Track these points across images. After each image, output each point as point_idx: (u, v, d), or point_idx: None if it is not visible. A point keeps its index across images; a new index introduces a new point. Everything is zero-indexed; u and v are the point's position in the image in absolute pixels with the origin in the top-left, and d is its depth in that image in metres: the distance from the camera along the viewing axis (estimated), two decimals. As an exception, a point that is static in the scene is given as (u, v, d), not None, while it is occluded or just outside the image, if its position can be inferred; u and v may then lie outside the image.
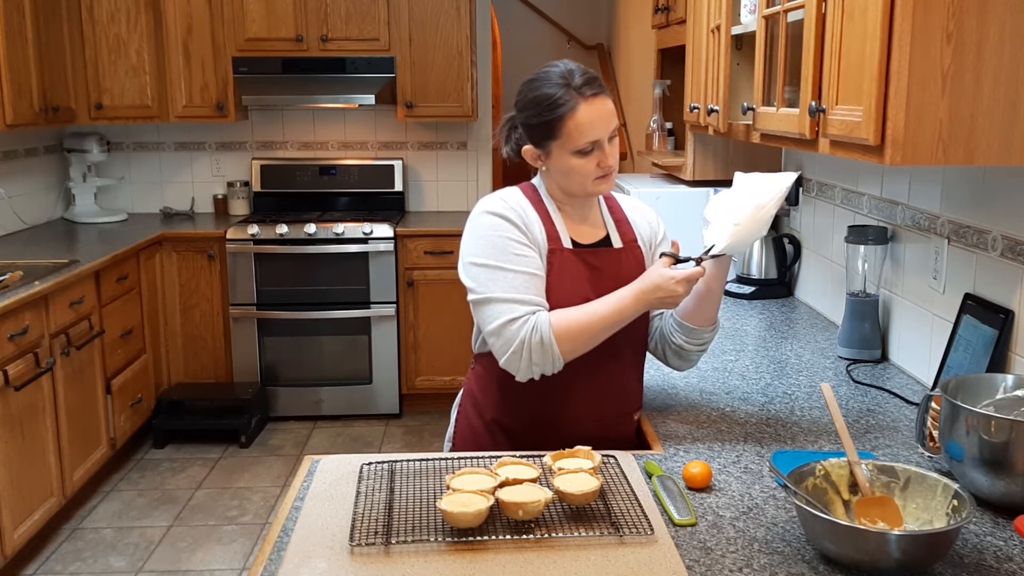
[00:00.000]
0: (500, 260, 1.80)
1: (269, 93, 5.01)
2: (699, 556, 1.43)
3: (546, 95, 1.78)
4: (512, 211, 1.84)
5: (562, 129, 1.77)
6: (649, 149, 3.97)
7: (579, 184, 1.83)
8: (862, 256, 2.45)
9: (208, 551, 3.64)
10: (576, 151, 1.78)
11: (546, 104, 1.77)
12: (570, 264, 1.85)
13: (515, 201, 1.87)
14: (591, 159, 1.79)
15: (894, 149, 1.60)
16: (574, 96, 1.76)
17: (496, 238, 1.81)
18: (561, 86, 1.77)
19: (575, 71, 1.79)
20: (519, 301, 1.77)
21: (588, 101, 1.76)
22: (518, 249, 1.81)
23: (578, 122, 1.76)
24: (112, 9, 4.85)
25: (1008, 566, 1.40)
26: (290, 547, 1.47)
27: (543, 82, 1.80)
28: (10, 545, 3.26)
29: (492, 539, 1.47)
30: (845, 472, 1.51)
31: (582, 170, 1.80)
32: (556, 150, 1.81)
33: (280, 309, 4.85)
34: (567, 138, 1.78)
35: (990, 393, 1.68)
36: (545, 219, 1.87)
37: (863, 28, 1.67)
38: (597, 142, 1.78)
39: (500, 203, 1.86)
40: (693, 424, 1.99)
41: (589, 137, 1.77)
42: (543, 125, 1.79)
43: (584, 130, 1.76)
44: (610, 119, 1.79)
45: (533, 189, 1.92)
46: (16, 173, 4.75)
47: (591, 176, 1.81)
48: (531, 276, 1.79)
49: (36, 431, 3.47)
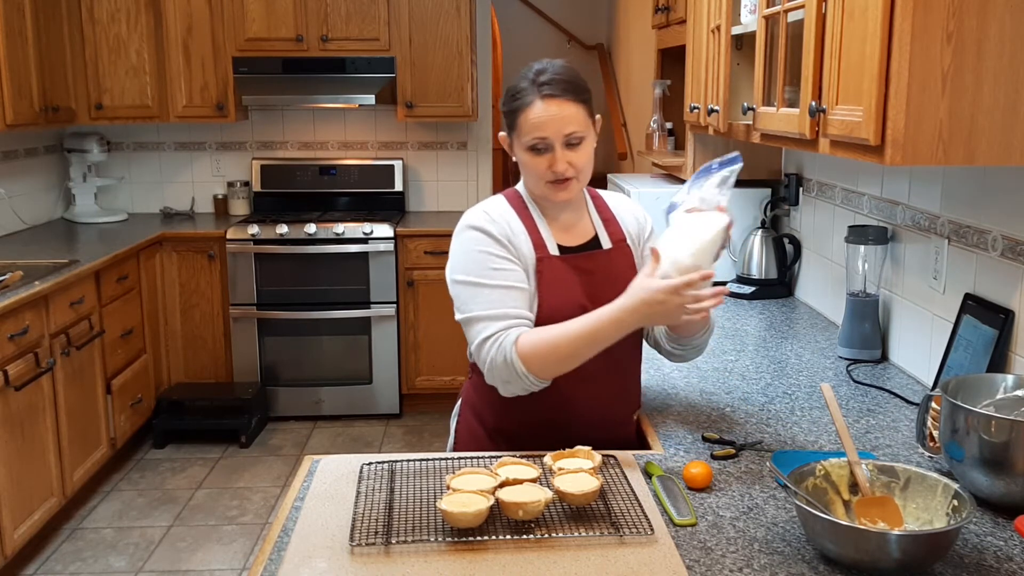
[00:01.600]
0: (479, 276, 1.79)
1: (269, 93, 5.01)
2: (699, 556, 1.43)
3: (515, 85, 1.81)
4: (493, 224, 1.83)
5: (517, 121, 1.79)
6: (649, 149, 3.97)
7: (534, 183, 1.84)
8: (862, 256, 2.45)
9: (208, 551, 3.64)
10: (527, 147, 1.79)
11: (511, 94, 1.81)
12: (560, 271, 1.83)
13: (498, 212, 1.86)
14: (542, 159, 1.78)
15: (894, 149, 1.60)
16: (533, 92, 1.77)
17: (476, 253, 1.81)
18: (528, 80, 1.79)
19: (548, 70, 1.79)
20: (494, 318, 1.76)
21: (545, 100, 1.76)
22: (497, 263, 1.80)
23: (528, 117, 1.77)
24: (112, 9, 4.85)
25: (1008, 566, 1.40)
26: (290, 547, 1.47)
27: (523, 73, 1.83)
28: (10, 545, 3.26)
29: (492, 539, 1.47)
30: (845, 472, 1.51)
31: (534, 168, 1.80)
32: (515, 142, 1.83)
33: (280, 309, 4.85)
34: (520, 131, 1.79)
35: (990, 393, 1.68)
36: (530, 227, 1.86)
37: (863, 28, 1.67)
38: (546, 142, 1.77)
39: (482, 216, 1.85)
40: (693, 424, 1.99)
41: (535, 133, 1.76)
42: (508, 114, 1.82)
43: (531, 126, 1.76)
44: (562, 123, 1.76)
45: (517, 195, 1.91)
46: (16, 173, 4.75)
47: (543, 177, 1.80)
48: (509, 290, 1.78)
49: (36, 431, 3.47)
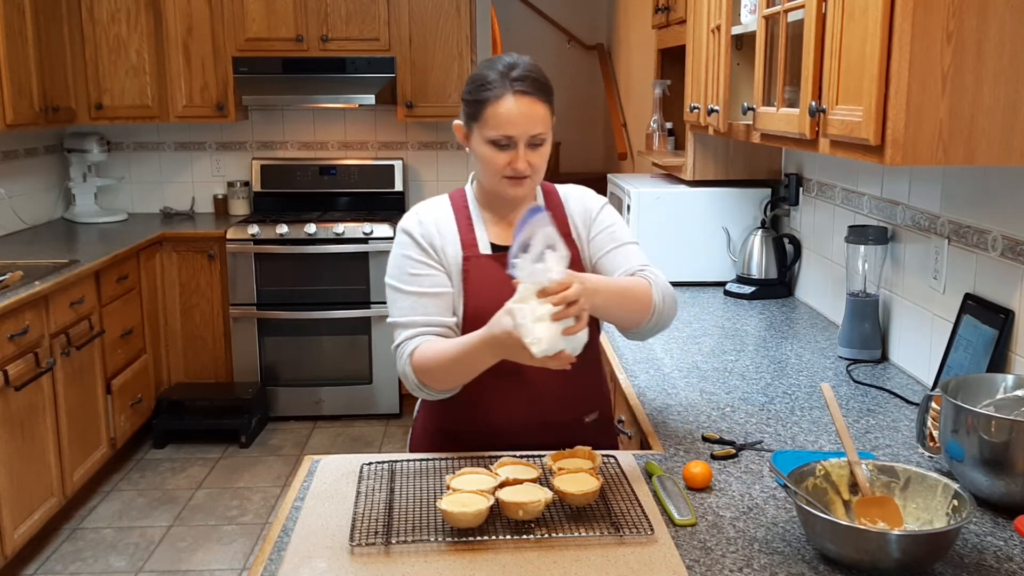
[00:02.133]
0: (398, 280, 1.82)
1: (269, 93, 5.01)
2: (699, 556, 1.43)
3: (483, 75, 1.77)
4: (418, 225, 1.84)
5: (483, 112, 1.75)
6: (649, 149, 3.97)
7: (489, 177, 1.81)
8: (862, 256, 2.45)
9: (208, 551, 3.64)
10: (489, 140, 1.76)
11: (479, 83, 1.77)
12: (488, 270, 1.82)
13: (429, 212, 1.87)
14: (503, 154, 1.76)
15: (894, 149, 1.60)
16: (505, 85, 1.74)
17: (399, 256, 1.84)
18: (499, 72, 1.75)
19: (520, 65, 1.77)
20: (403, 326, 1.79)
21: (516, 96, 1.73)
22: (414, 268, 1.81)
23: (497, 111, 1.73)
24: (112, 9, 4.85)
25: (1008, 566, 1.40)
26: (290, 547, 1.47)
27: (490, 64, 1.79)
28: (10, 545, 3.26)
29: (492, 539, 1.47)
30: (845, 472, 1.51)
31: (492, 162, 1.77)
32: (475, 132, 1.79)
33: (280, 309, 4.85)
34: (484, 123, 1.75)
35: (990, 393, 1.68)
36: (464, 226, 1.85)
37: (863, 28, 1.67)
38: (512, 140, 1.74)
39: (411, 218, 1.86)
40: (693, 424, 1.99)
41: (503, 130, 1.74)
42: (472, 103, 1.78)
43: (500, 121, 1.74)
44: (530, 122, 1.74)
45: (462, 194, 1.91)
46: (16, 173, 4.75)
47: (500, 172, 1.77)
48: (421, 297, 1.79)
49: (36, 431, 3.47)
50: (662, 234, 3.29)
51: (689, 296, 3.19)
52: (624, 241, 1.89)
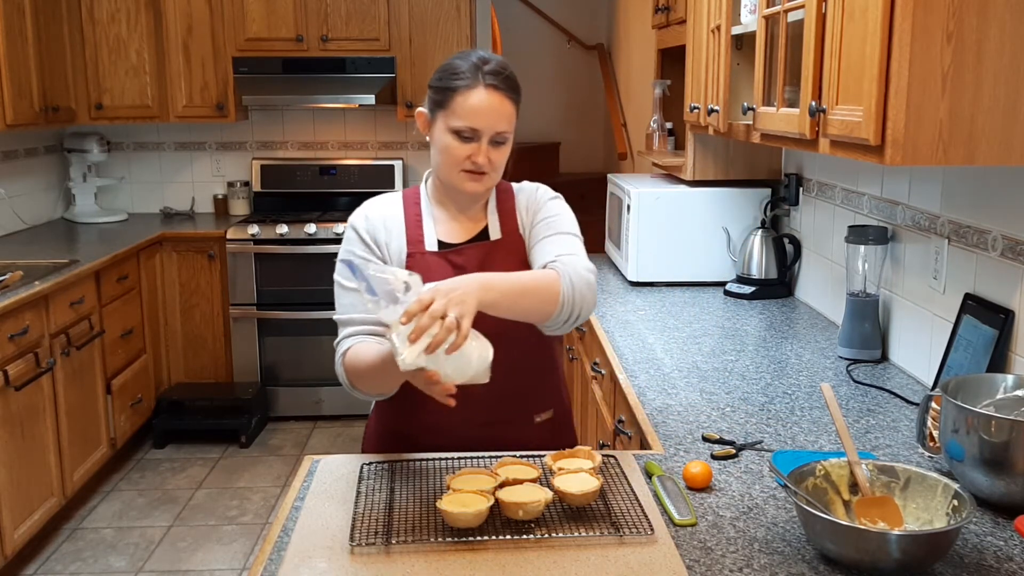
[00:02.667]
0: (342, 276, 1.80)
1: (269, 93, 5.01)
2: (699, 556, 1.43)
3: (455, 64, 1.77)
4: (364, 220, 1.84)
5: (451, 101, 1.74)
6: (649, 149, 3.97)
7: (447, 169, 1.78)
8: (862, 256, 2.45)
9: (208, 551, 3.64)
10: (453, 129, 1.74)
11: (450, 72, 1.76)
12: (432, 267, 1.79)
13: (377, 209, 1.87)
14: (465, 147, 1.74)
15: (894, 149, 1.60)
16: (476, 77, 1.73)
17: (344, 252, 1.84)
18: (472, 64, 1.75)
19: (493, 62, 1.76)
20: (343, 323, 1.78)
21: (488, 89, 1.73)
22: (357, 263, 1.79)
23: (467, 101, 1.72)
24: (112, 9, 4.85)
25: (1008, 566, 1.40)
26: (290, 547, 1.47)
27: (463, 56, 1.78)
28: (10, 545, 3.26)
29: (492, 539, 1.47)
30: (845, 472, 1.51)
31: (453, 153, 1.75)
32: (440, 120, 1.77)
33: (280, 309, 4.85)
34: (451, 112, 1.74)
35: (990, 393, 1.68)
36: (412, 223, 1.85)
37: (863, 28, 1.67)
38: (476, 133, 1.73)
39: (359, 213, 1.87)
40: (693, 424, 1.99)
41: (469, 120, 1.72)
42: (439, 90, 1.77)
43: (467, 111, 1.72)
44: (498, 118, 1.74)
45: (415, 191, 1.91)
46: (16, 173, 4.75)
47: (459, 164, 1.76)
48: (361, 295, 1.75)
49: (36, 431, 3.47)
50: (662, 234, 3.29)
51: (689, 296, 3.19)
52: (558, 231, 1.83)
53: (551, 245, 1.81)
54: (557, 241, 1.81)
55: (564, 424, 2.02)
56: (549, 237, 1.83)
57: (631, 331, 2.75)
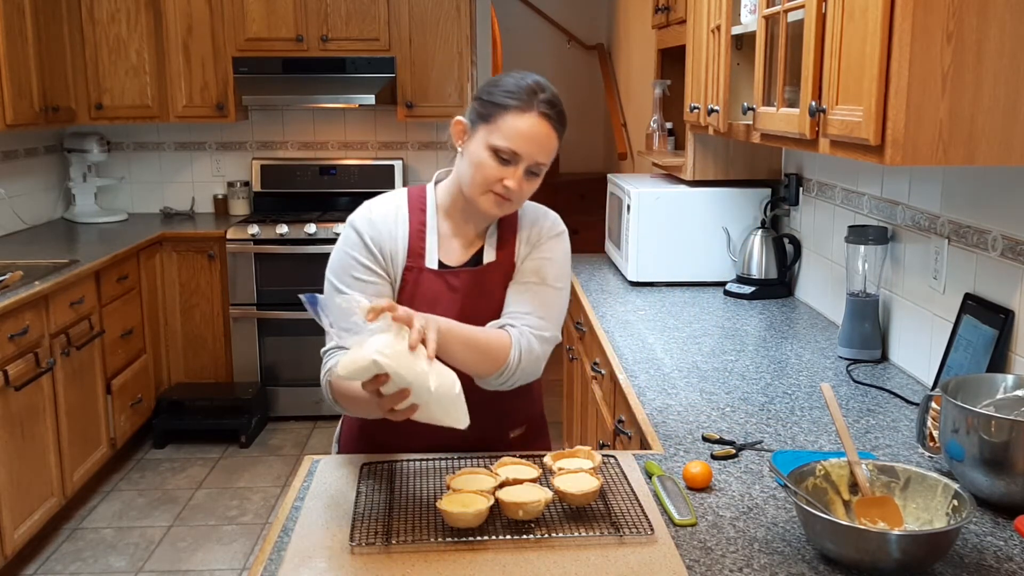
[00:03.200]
0: (340, 280, 1.76)
1: (269, 93, 5.01)
2: (699, 556, 1.43)
3: (512, 82, 1.71)
4: (370, 225, 1.77)
5: (498, 118, 1.68)
6: (649, 149, 3.97)
7: (474, 185, 1.71)
8: (862, 256, 2.45)
9: (208, 551, 3.64)
10: (493, 148, 1.68)
11: (504, 88, 1.70)
12: (428, 283, 1.77)
13: (383, 214, 1.80)
14: (500, 168, 1.68)
15: (894, 149, 1.60)
16: (531, 103, 1.68)
17: (343, 255, 1.78)
18: (528, 89, 1.69)
19: (548, 91, 1.71)
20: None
21: (538, 117, 1.68)
22: (359, 272, 1.75)
23: (516, 123, 1.67)
24: (112, 9, 4.85)
25: (1008, 566, 1.40)
26: (290, 547, 1.47)
27: (521, 76, 1.73)
28: (10, 545, 3.26)
29: (492, 539, 1.47)
30: (845, 472, 1.51)
31: (486, 171, 1.69)
32: (480, 134, 1.70)
33: (280, 309, 4.85)
34: (495, 129, 1.68)
35: (990, 393, 1.68)
36: (415, 234, 1.79)
37: (863, 28, 1.67)
38: (516, 157, 1.68)
39: (364, 214, 1.80)
40: (693, 424, 1.99)
41: (512, 143, 1.67)
42: (488, 103, 1.70)
43: (513, 133, 1.67)
44: (541, 148, 1.69)
45: (421, 197, 1.83)
46: (16, 173, 4.75)
47: (488, 184, 1.69)
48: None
49: (36, 431, 3.46)
50: (662, 234, 3.29)
51: (689, 296, 3.19)
52: (542, 281, 1.80)
53: (527, 295, 1.78)
54: (534, 293, 1.79)
55: (538, 437, 2.02)
56: (529, 284, 1.79)
57: (631, 331, 2.75)
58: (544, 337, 1.76)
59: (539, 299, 1.78)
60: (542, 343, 1.76)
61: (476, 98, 1.75)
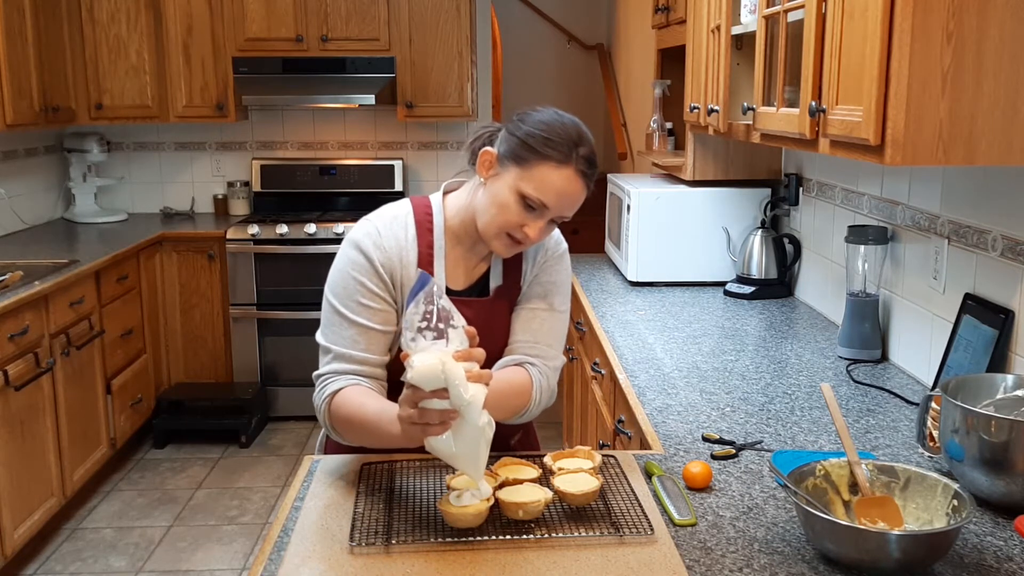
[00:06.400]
0: (344, 304, 1.70)
1: (269, 93, 5.01)
2: (699, 556, 1.43)
3: (559, 131, 1.62)
4: (378, 250, 1.69)
5: (533, 166, 1.61)
6: (649, 149, 3.97)
7: (492, 224, 1.65)
8: (862, 256, 2.45)
9: (208, 551, 3.64)
10: (522, 194, 1.61)
11: (545, 136, 1.61)
12: None
13: (391, 232, 1.72)
14: (523, 215, 1.63)
15: (894, 149, 1.60)
16: (571, 156, 1.61)
17: (349, 278, 1.70)
18: (571, 141, 1.62)
19: (586, 145, 1.64)
20: (336, 357, 1.69)
21: (575, 174, 1.62)
22: (366, 298, 1.69)
23: (551, 176, 1.60)
24: (112, 9, 4.85)
25: (1008, 566, 1.40)
26: (290, 547, 1.47)
27: (569, 125, 1.64)
28: (10, 545, 3.26)
29: (492, 539, 1.47)
30: (845, 472, 1.51)
31: (507, 214, 1.63)
32: (511, 175, 1.63)
33: (280, 309, 4.85)
34: (528, 176, 1.61)
35: (990, 393, 1.68)
36: (423, 258, 1.72)
37: (863, 28, 1.67)
38: (544, 208, 1.62)
39: (371, 235, 1.71)
40: (693, 424, 1.99)
41: (544, 196, 1.61)
42: (527, 147, 1.62)
43: (546, 186, 1.61)
44: (570, 204, 1.63)
45: (428, 215, 1.75)
46: (16, 173, 4.75)
47: (506, 227, 1.64)
48: (365, 331, 1.68)
49: (36, 431, 3.46)
50: (662, 234, 3.29)
51: (689, 296, 3.19)
52: (549, 306, 1.78)
53: (535, 324, 1.77)
54: (542, 321, 1.77)
55: (530, 437, 2.02)
56: (537, 312, 1.78)
57: (631, 331, 2.75)
58: (556, 367, 1.79)
59: (547, 327, 1.78)
60: (555, 373, 1.79)
61: (511, 133, 1.66)
